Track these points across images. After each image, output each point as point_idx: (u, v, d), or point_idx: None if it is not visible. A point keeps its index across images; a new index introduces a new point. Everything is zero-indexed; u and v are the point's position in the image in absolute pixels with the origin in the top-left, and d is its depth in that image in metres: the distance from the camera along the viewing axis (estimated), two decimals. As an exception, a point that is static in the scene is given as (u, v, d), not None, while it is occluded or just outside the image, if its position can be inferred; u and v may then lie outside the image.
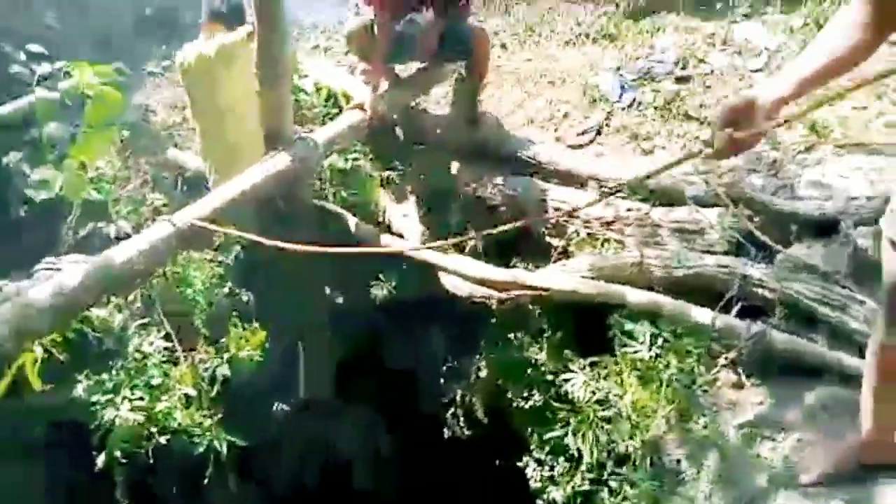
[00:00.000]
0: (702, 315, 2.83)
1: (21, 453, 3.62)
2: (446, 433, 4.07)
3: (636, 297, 2.99)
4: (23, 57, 5.00)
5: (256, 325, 3.91)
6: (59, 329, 3.12)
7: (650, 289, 3.11)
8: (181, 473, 3.72)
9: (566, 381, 3.08)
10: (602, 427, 2.84)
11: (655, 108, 4.29)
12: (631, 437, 2.70)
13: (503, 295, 3.49)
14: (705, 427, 2.53)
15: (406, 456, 4.39)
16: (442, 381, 4.15)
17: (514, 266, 3.71)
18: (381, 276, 4.25)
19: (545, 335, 3.51)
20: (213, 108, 3.99)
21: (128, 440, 3.37)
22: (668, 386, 2.71)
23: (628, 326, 3.03)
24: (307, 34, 6.03)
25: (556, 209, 3.70)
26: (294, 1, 5.77)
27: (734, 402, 2.63)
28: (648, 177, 2.21)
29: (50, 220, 4.27)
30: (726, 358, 2.73)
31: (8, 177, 4.25)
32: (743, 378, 2.70)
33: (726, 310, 2.83)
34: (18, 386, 3.11)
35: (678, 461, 2.49)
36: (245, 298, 4.25)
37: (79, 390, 3.53)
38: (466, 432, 3.98)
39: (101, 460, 3.60)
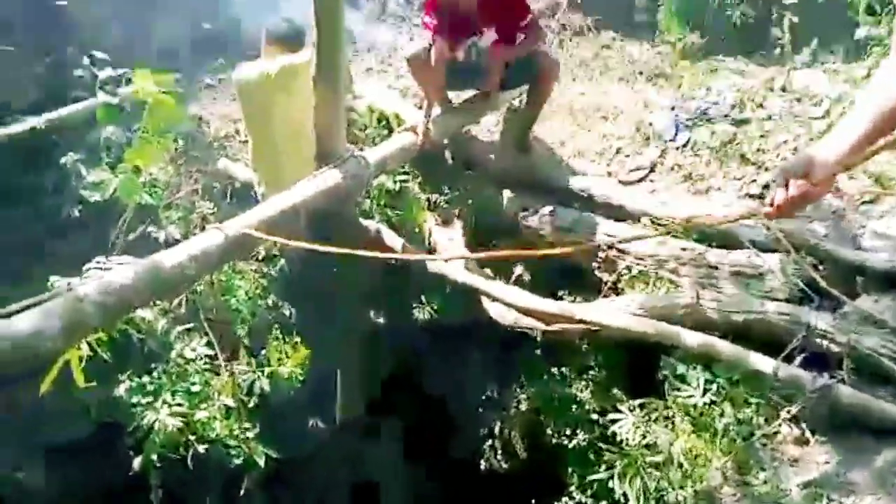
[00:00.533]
0: (762, 363, 2.74)
1: (61, 449, 3.63)
2: (482, 465, 3.99)
3: (692, 339, 2.91)
4: (86, 62, 5.14)
5: (297, 339, 3.91)
6: (106, 327, 3.13)
7: (704, 332, 3.03)
8: (216, 483, 3.70)
9: (613, 421, 2.99)
10: (650, 473, 2.75)
11: (711, 148, 4.24)
12: (682, 487, 2.61)
13: (549, 327, 3.43)
14: (765, 482, 2.43)
15: (438, 485, 4.30)
16: (480, 410, 4.09)
17: (560, 298, 3.66)
18: (423, 298, 4.21)
19: (591, 372, 3.44)
20: (266, 124, 4.04)
21: (165, 445, 3.37)
22: (723, 435, 2.62)
23: (680, 370, 2.95)
24: (362, 56, 6.11)
25: (608, 245, 3.65)
26: (351, 23, 5.88)
27: (797, 458, 2.53)
28: (709, 225, 2.15)
29: (102, 221, 4.31)
30: (788, 411, 2.63)
31: (65, 177, 4.32)
32: (807, 433, 2.60)
33: (788, 360, 2.74)
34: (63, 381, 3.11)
35: (734, 515, 2.40)
36: (287, 312, 4.25)
37: (120, 391, 3.55)
38: (503, 465, 3.90)
39: (137, 462, 3.60)
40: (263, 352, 3.87)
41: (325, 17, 3.09)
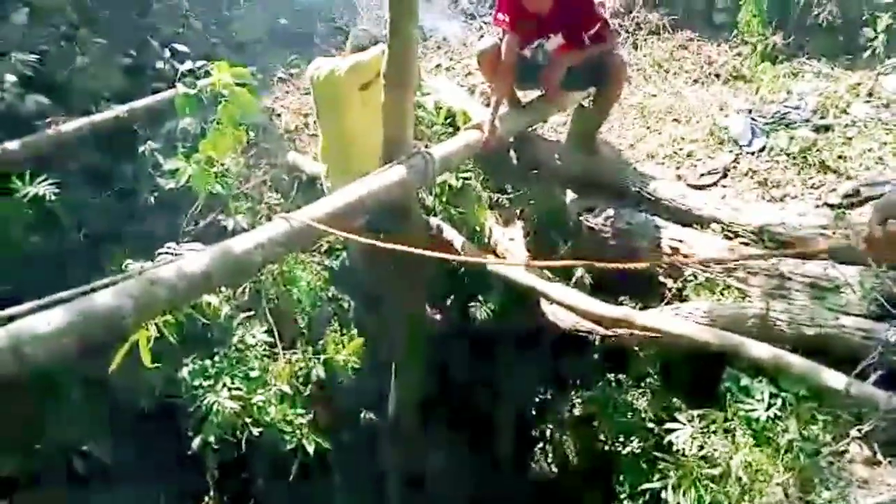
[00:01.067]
0: (834, 379, 2.58)
1: (127, 424, 3.79)
2: (533, 467, 3.94)
3: (760, 351, 2.77)
4: (167, 54, 5.37)
5: (354, 331, 3.96)
6: (175, 310, 3.25)
7: (772, 345, 2.89)
8: (269, 466, 3.79)
9: (669, 431, 2.89)
10: (707, 486, 2.65)
11: (788, 155, 4.06)
12: (739, 502, 2.50)
13: (608, 332, 3.35)
14: (830, 502, 2.30)
15: (487, 484, 4.27)
16: (533, 413, 4.03)
17: (621, 304, 3.57)
18: (481, 297, 4.19)
19: (648, 380, 3.34)
20: (336, 119, 4.12)
21: (222, 427, 3.47)
22: (787, 451, 2.49)
23: (744, 382, 2.82)
24: (432, 53, 6.14)
25: (673, 248, 3.53)
26: (422, 19, 5.91)
27: (866, 479, 2.38)
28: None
29: (174, 209, 4.49)
30: (859, 429, 2.48)
31: (143, 165, 4.51)
32: (878, 454, 2.44)
33: (862, 377, 2.58)
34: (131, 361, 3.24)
35: (795, 535, 2.28)
36: (346, 305, 4.31)
37: (184, 372, 3.68)
38: (553, 469, 3.83)
39: (196, 443, 3.72)
40: (321, 342, 3.95)
41: (398, 13, 3.11)
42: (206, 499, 3.59)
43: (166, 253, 3.54)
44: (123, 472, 3.68)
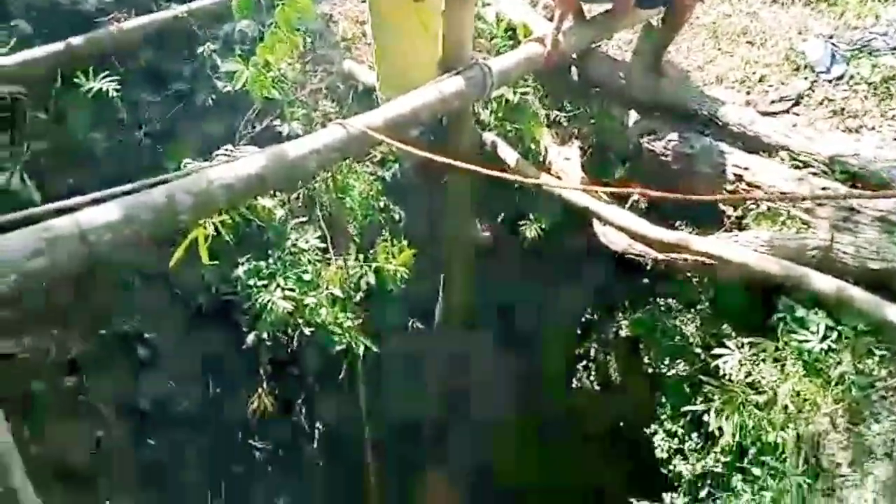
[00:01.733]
0: (896, 315, 2.52)
1: (182, 321, 3.96)
2: (574, 383, 4.00)
3: (822, 283, 2.69)
4: (227, -45, 5.26)
5: (405, 242, 4.00)
6: (231, 209, 3.32)
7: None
8: (319, 366, 3.94)
9: (717, 356, 2.89)
10: (751, 412, 2.65)
11: (870, 84, 3.82)
12: (783, 428, 2.51)
13: (662, 256, 3.30)
14: (878, 435, 2.29)
15: (528, 396, 4.36)
16: (578, 331, 4.06)
17: (677, 228, 3.50)
18: (531, 216, 4.16)
19: (699, 306, 3.31)
20: (393, 28, 4.01)
21: (275, 325, 3.61)
22: (838, 384, 2.47)
23: (800, 313, 2.78)
24: (494, -38, 5.88)
25: (737, 176, 3.42)
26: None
27: (920, 415, 2.35)
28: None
29: (231, 111, 4.51)
30: (917, 366, 2.44)
31: (201, 66, 4.51)
32: (934, 391, 2.41)
33: (926, 315, 2.51)
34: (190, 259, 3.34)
35: (839, 464, 2.28)
36: (396, 216, 4.34)
37: (239, 272, 3.80)
38: (595, 387, 3.89)
39: (250, 339, 3.89)
40: (372, 251, 4.01)
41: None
42: (259, 391, 3.77)
43: (223, 154, 3.60)
44: (182, 362, 3.87)
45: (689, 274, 3.32)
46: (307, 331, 3.58)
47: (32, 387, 3.26)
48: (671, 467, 3.01)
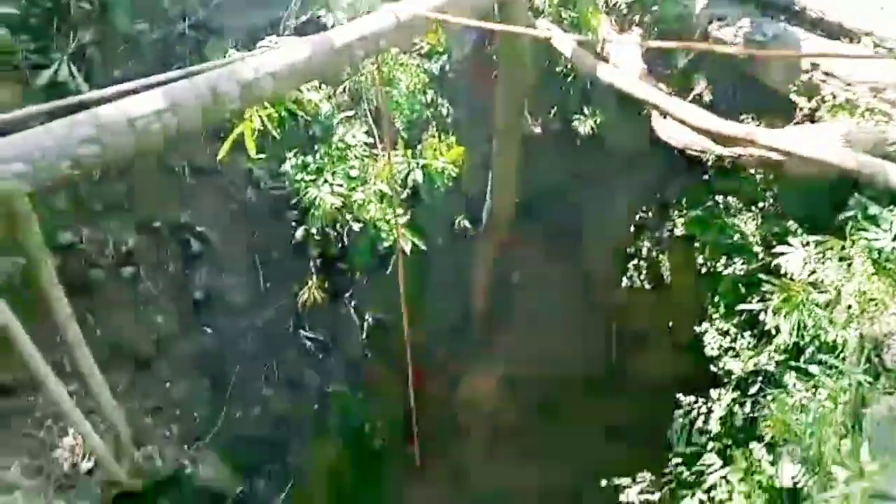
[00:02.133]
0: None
1: (232, 215, 4.00)
2: (623, 281, 3.93)
3: (904, 177, 2.50)
4: None
5: (452, 139, 3.90)
6: (277, 98, 3.25)
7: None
8: (367, 261, 3.95)
9: (778, 254, 2.77)
10: (811, 311, 2.56)
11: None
12: (845, 328, 2.42)
13: (725, 152, 3.13)
14: (950, 335, 2.18)
15: (574, 296, 4.30)
16: (631, 230, 3.95)
17: (742, 122, 3.30)
18: (587, 110, 3.98)
19: (761, 204, 3.17)
20: None
21: (324, 220, 3.61)
22: (909, 283, 2.35)
23: (873, 210, 2.62)
24: None
25: (812, 65, 3.17)
26: None
27: None
28: None
29: (275, 2, 4.37)
30: None
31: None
32: None
33: None
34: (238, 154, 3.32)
35: (904, 364, 2.20)
36: (444, 111, 4.21)
37: (286, 167, 3.78)
38: (645, 285, 3.81)
39: (299, 233, 3.91)
40: (419, 147, 3.92)
41: None
42: (309, 284, 3.82)
43: (267, 46, 3.50)
44: (233, 255, 3.93)
45: (753, 171, 3.15)
46: (356, 226, 3.57)
47: (92, 276, 3.37)
48: (721, 365, 2.97)
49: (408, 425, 3.89)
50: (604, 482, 3.27)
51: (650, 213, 3.87)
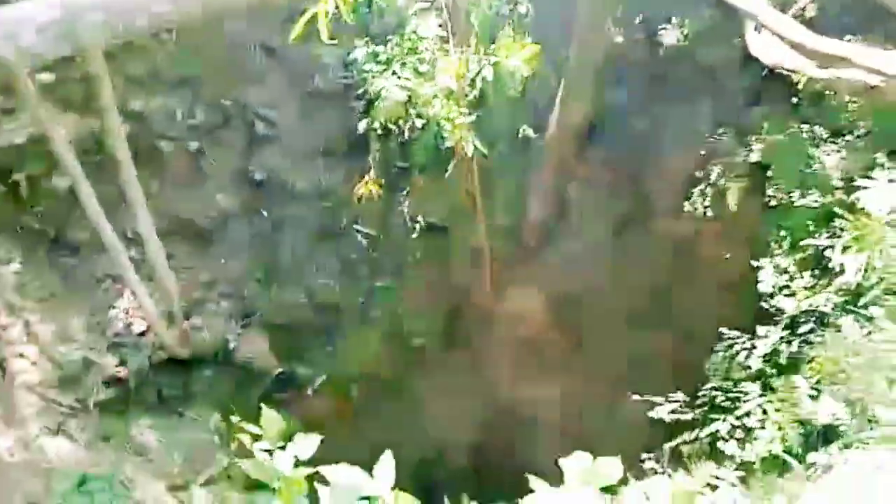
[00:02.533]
0: None
1: (299, 100, 4.01)
2: (686, 207, 3.74)
3: None
4: None
5: (529, 39, 3.71)
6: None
7: None
8: (427, 159, 3.92)
9: (859, 188, 2.58)
10: (882, 251, 2.39)
11: None
12: (922, 272, 2.25)
13: (820, 73, 2.87)
14: None
15: (633, 216, 4.13)
16: (702, 153, 3.72)
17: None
18: (675, 20, 3.71)
19: (849, 135, 2.93)
20: None
21: (389, 113, 3.57)
22: None
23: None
24: None
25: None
26: None
27: None
28: None
29: None
30: None
31: None
32: None
33: None
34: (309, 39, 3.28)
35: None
36: (524, 10, 4.00)
37: (356, 55, 3.73)
38: (708, 213, 3.62)
39: (362, 125, 3.89)
40: (493, 46, 3.76)
41: None
42: (367, 178, 3.83)
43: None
44: (296, 140, 3.96)
45: (847, 98, 2.89)
46: (419, 123, 3.52)
47: (160, 145, 3.48)
48: (771, 301, 2.84)
49: (448, 328, 3.96)
50: (636, 398, 3.27)
51: (725, 136, 3.63)
